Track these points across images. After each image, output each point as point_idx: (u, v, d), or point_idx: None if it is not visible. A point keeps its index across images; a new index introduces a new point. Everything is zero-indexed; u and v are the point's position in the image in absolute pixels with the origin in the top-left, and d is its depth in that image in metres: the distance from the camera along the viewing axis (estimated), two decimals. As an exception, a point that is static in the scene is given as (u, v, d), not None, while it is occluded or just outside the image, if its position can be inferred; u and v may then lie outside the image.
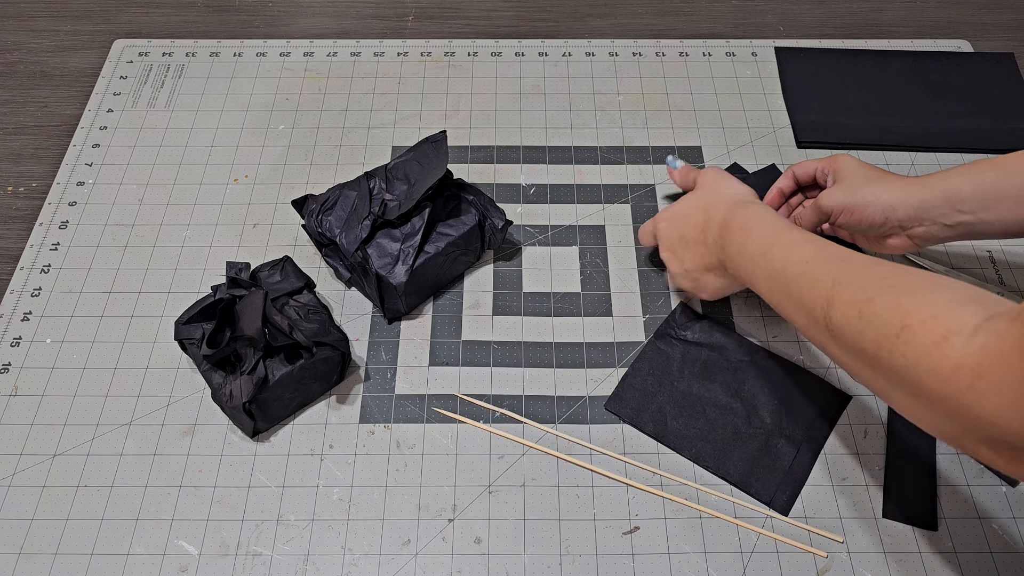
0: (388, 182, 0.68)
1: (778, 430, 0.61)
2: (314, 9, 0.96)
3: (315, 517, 0.58)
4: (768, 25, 0.94)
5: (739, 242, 0.57)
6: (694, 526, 0.57)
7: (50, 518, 0.58)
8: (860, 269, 0.48)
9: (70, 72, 0.88)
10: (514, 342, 0.67)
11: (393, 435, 0.62)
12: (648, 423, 0.62)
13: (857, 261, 0.49)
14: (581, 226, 0.74)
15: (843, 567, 0.56)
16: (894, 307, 0.43)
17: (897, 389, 0.43)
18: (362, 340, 0.67)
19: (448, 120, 0.83)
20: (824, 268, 0.50)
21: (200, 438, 0.61)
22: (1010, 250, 0.72)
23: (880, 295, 0.44)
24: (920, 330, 0.41)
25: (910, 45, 0.90)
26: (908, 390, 0.42)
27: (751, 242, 0.56)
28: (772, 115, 0.83)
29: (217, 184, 0.77)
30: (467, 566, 0.56)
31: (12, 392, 0.64)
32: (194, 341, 0.61)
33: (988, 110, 0.83)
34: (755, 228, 0.57)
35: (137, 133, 0.81)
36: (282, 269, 0.65)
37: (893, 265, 0.47)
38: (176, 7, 0.95)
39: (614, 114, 0.83)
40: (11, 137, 0.82)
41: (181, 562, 0.56)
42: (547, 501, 0.59)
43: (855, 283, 0.47)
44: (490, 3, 0.97)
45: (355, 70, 0.87)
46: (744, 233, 0.57)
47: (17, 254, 0.72)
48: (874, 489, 0.59)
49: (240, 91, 0.85)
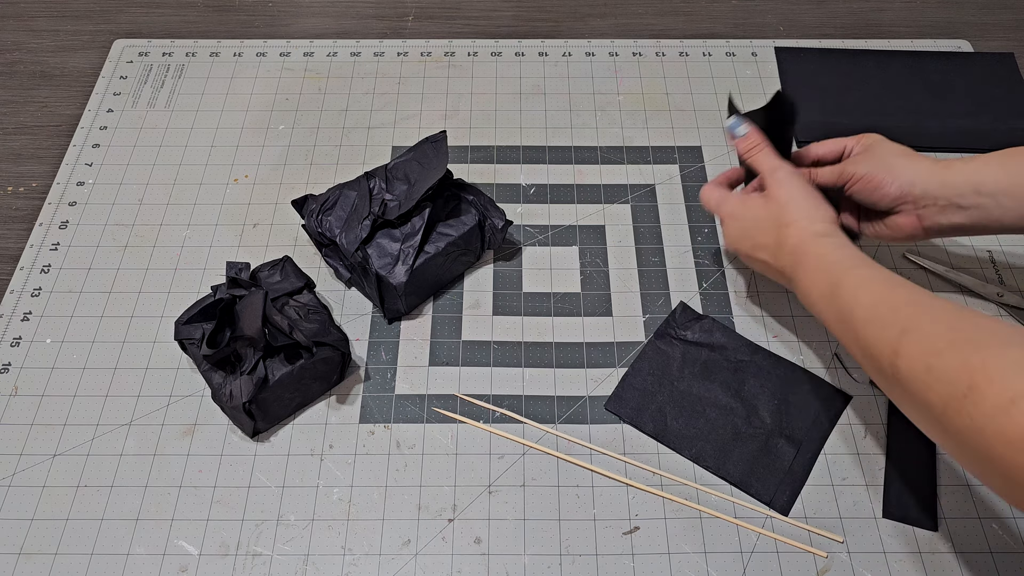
0: (388, 182, 0.68)
1: (778, 430, 0.61)
2: (314, 9, 0.96)
3: (315, 517, 0.58)
4: (768, 25, 0.94)
5: (810, 278, 0.55)
6: (694, 526, 0.57)
7: (50, 518, 0.58)
8: (931, 317, 0.45)
9: (70, 72, 0.88)
10: (514, 342, 0.67)
11: (393, 435, 0.62)
12: (648, 423, 0.62)
13: (928, 306, 0.46)
14: (581, 226, 0.74)
15: (843, 567, 0.56)
16: (962, 364, 0.41)
17: (964, 450, 0.41)
18: (362, 340, 0.67)
19: (448, 120, 0.83)
20: (893, 315, 0.47)
21: (200, 438, 0.61)
22: (1010, 250, 0.72)
23: (949, 348, 0.42)
24: (988, 391, 0.39)
25: (910, 45, 0.90)
26: (975, 453, 0.40)
27: (821, 279, 0.54)
28: (772, 115, 0.83)
29: (217, 184, 0.77)
30: (467, 566, 0.56)
31: (12, 392, 0.64)
32: (194, 341, 0.61)
33: (988, 110, 0.83)
34: (828, 264, 0.54)
35: (137, 133, 0.81)
36: (282, 269, 0.65)
37: (966, 312, 0.45)
38: (176, 7, 0.95)
39: (614, 114, 0.83)
40: (11, 137, 0.82)
41: (181, 562, 0.56)
42: (547, 501, 0.59)
43: (924, 333, 0.44)
44: (490, 3, 0.97)
45: (355, 70, 0.87)
46: (816, 269, 0.54)
47: (17, 254, 0.72)
48: (874, 489, 0.59)
49: (240, 91, 0.85)
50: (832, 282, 0.52)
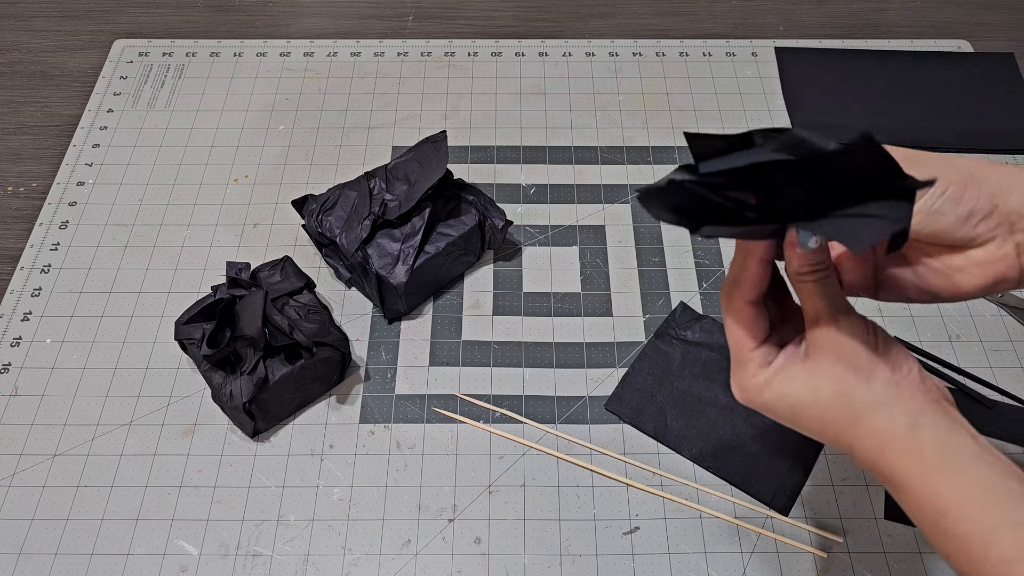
0: (388, 182, 0.68)
1: (778, 430, 0.61)
2: (314, 9, 0.96)
3: (315, 517, 0.58)
4: (768, 25, 0.94)
5: (908, 501, 0.38)
6: (694, 526, 0.57)
7: (50, 518, 0.58)
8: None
9: (70, 72, 0.88)
10: (514, 342, 0.67)
11: (393, 435, 0.62)
12: (648, 423, 0.62)
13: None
14: (581, 226, 0.74)
15: (843, 567, 0.56)
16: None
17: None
18: (362, 340, 0.67)
19: (448, 120, 0.83)
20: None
21: (200, 438, 0.61)
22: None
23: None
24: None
25: (910, 45, 0.90)
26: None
27: (924, 503, 0.36)
28: (772, 115, 0.83)
29: (217, 184, 0.77)
30: (467, 566, 0.56)
31: (12, 392, 0.64)
32: (194, 341, 0.61)
33: (988, 110, 0.83)
34: (932, 491, 0.36)
35: (137, 133, 0.81)
36: (282, 269, 0.65)
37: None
38: (176, 7, 0.95)
39: (614, 114, 0.83)
40: (11, 137, 0.82)
41: (181, 562, 0.56)
42: (547, 501, 0.59)
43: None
44: (490, 3, 0.97)
45: (355, 70, 0.87)
46: (912, 492, 0.37)
47: (17, 254, 0.72)
48: (874, 489, 0.59)
49: (240, 91, 0.85)
50: (939, 509, 0.36)
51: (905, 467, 0.36)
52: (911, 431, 0.37)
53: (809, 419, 0.39)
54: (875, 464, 0.38)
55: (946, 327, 0.67)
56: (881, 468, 0.37)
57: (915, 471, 0.36)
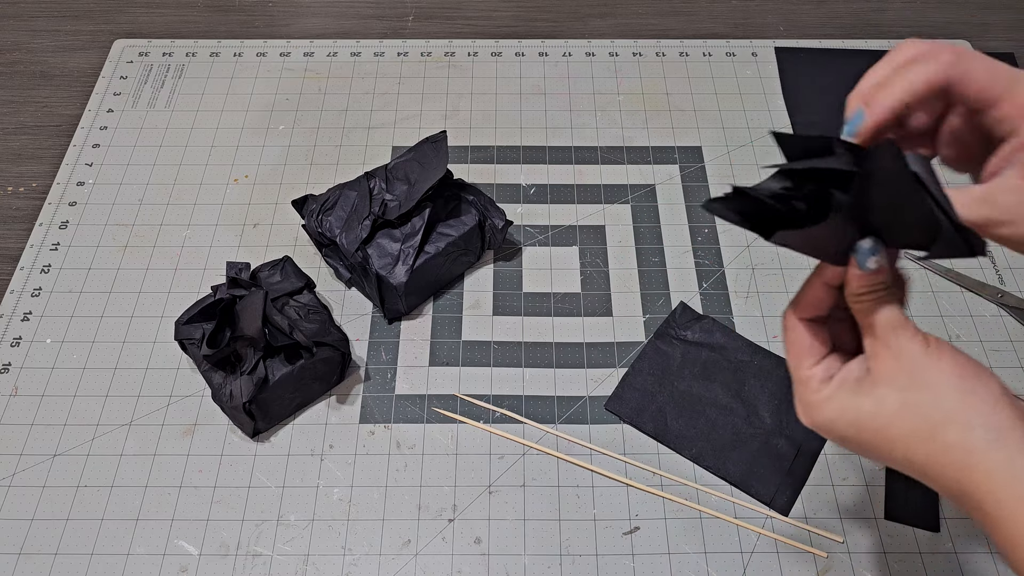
0: (388, 182, 0.68)
1: (778, 430, 0.61)
2: (314, 9, 0.96)
3: (315, 517, 0.58)
4: (768, 25, 0.94)
5: (999, 534, 0.34)
6: (694, 526, 0.57)
7: (50, 518, 0.58)
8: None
9: (70, 72, 0.88)
10: (514, 342, 0.67)
11: (393, 435, 0.62)
12: (648, 423, 0.62)
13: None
14: (581, 226, 0.74)
15: (843, 567, 0.56)
16: None
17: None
18: (362, 340, 0.67)
19: (448, 120, 0.83)
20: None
21: (200, 438, 0.61)
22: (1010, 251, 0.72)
23: None
24: None
25: (910, 45, 0.90)
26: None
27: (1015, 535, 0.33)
28: (772, 115, 0.83)
29: (217, 184, 0.77)
30: (467, 566, 0.56)
31: (12, 392, 0.64)
32: (194, 341, 0.61)
33: (988, 110, 0.82)
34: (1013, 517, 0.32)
35: (137, 133, 0.81)
36: (282, 269, 0.65)
37: None
38: (176, 7, 0.95)
39: (614, 114, 0.83)
40: (11, 137, 0.82)
41: (181, 562, 0.56)
42: (547, 501, 0.59)
43: None
44: (490, 3, 0.97)
45: (355, 70, 0.87)
46: (1000, 521, 0.33)
47: (17, 254, 0.72)
48: (874, 489, 0.59)
49: (240, 91, 0.85)
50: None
51: (996, 491, 0.32)
52: (994, 447, 0.33)
53: (874, 434, 0.36)
54: (961, 488, 0.34)
55: (946, 327, 0.67)
56: (970, 493, 0.33)
57: (1009, 497, 0.32)
